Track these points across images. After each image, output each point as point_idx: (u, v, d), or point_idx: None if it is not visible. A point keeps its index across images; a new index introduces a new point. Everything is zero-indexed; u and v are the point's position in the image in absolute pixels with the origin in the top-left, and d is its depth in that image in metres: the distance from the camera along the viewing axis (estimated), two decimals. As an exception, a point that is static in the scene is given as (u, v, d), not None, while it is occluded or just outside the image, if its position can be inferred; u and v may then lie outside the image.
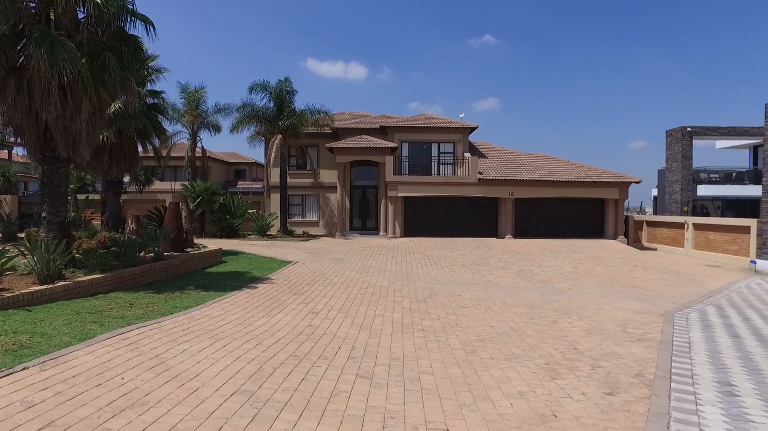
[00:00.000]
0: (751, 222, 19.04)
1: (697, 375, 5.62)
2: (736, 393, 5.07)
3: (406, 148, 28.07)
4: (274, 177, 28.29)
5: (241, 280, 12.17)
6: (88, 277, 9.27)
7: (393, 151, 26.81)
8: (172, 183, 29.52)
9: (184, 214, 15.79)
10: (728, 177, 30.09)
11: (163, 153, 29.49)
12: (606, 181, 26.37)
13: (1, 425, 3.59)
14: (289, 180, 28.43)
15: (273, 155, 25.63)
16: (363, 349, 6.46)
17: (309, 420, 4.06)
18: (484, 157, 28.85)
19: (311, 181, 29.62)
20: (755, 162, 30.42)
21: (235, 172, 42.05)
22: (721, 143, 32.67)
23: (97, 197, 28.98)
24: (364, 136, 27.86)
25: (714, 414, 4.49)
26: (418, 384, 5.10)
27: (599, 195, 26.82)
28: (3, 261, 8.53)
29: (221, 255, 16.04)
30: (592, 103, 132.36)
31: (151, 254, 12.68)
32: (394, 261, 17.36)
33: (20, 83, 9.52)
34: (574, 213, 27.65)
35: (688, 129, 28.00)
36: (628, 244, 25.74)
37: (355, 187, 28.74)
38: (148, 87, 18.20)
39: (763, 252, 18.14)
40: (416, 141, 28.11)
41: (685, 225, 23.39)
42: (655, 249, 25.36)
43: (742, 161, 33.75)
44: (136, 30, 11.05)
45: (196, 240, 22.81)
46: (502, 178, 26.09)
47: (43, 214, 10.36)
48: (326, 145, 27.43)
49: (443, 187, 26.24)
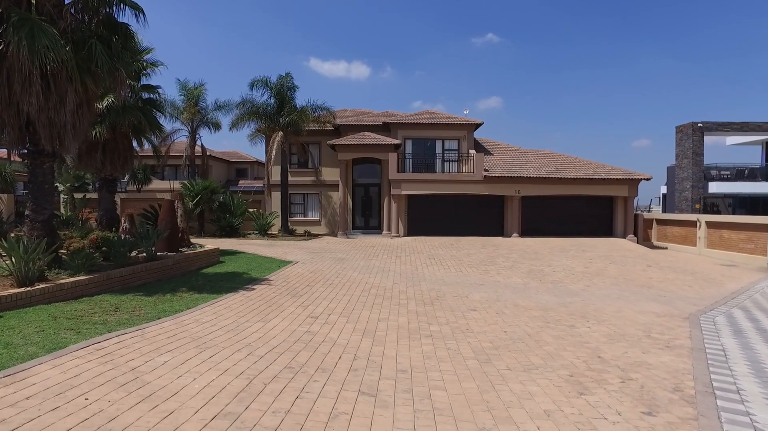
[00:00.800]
0: (769, 220, 18.35)
1: (744, 390, 4.98)
2: (792, 411, 4.44)
3: (409, 145, 27.43)
4: (275, 175, 27.68)
5: (237, 282, 11.57)
6: (72, 279, 8.67)
7: (396, 148, 26.17)
8: (171, 182, 28.95)
9: (179, 212, 15.20)
10: (740, 174, 29.34)
11: (162, 151, 29.05)
12: (615, 178, 25.68)
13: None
14: (290, 178, 27.83)
15: (274, 152, 25.02)
16: (366, 359, 5.84)
17: (302, 449, 3.45)
18: (490, 154, 28.19)
19: (313, 179, 29.01)
20: (768, 158, 29.76)
21: (236, 170, 41.51)
22: (732, 139, 31.90)
23: (95, 196, 28.45)
24: (367, 133, 27.23)
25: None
26: (429, 403, 4.48)
27: (608, 192, 26.12)
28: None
29: (218, 255, 15.44)
30: (596, 102, 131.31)
31: (144, 254, 12.12)
32: (398, 261, 16.74)
33: (-1, 72, 8.93)
34: (582, 211, 26.98)
35: (699, 125, 27.26)
36: (638, 243, 25.04)
37: (358, 185, 28.12)
38: (144, 81, 17.64)
39: (782, 250, 17.42)
40: (420, 138, 27.46)
41: (698, 224, 22.67)
42: (666, 248, 24.66)
43: (754, 157, 33.04)
44: (126, 18, 10.47)
45: (195, 240, 22.23)
46: (509, 175, 25.42)
47: (27, 212, 9.77)
48: (328, 142, 26.81)
49: (448, 184, 25.59)
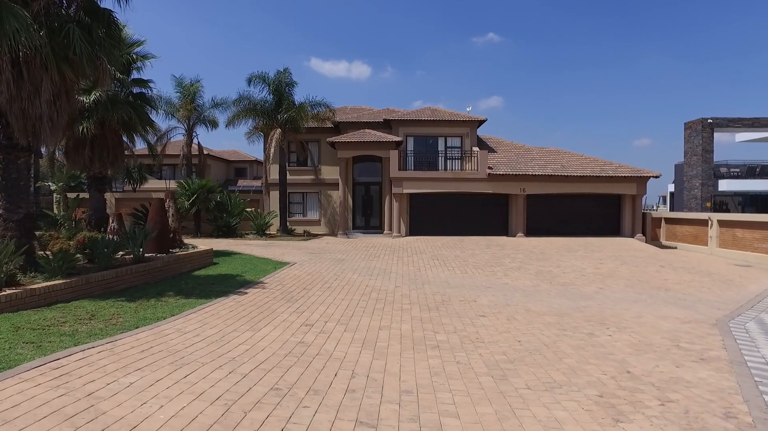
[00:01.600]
0: (786, 218, 17.61)
1: (807, 415, 4.27)
2: None
3: (411, 142, 26.70)
4: (274, 174, 27.00)
5: (229, 285, 10.87)
6: (45, 284, 7.97)
7: (398, 145, 25.45)
8: (167, 181, 28.26)
9: (171, 211, 14.51)
10: (751, 171, 28.56)
11: (158, 150, 28.34)
12: (623, 175, 24.93)
13: None
14: (289, 177, 27.11)
15: (272, 150, 24.30)
16: (365, 377, 5.13)
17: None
18: (494, 151, 27.45)
19: (312, 177, 28.28)
20: (778, 155, 28.94)
21: (235, 170, 40.84)
22: (742, 136, 31.11)
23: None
24: (367, 130, 26.52)
25: None
26: (439, 434, 3.77)
27: (615, 190, 25.37)
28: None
29: (212, 256, 14.74)
30: (597, 101, 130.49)
31: (131, 256, 11.44)
32: (400, 262, 16.02)
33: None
34: (589, 209, 26.23)
35: (709, 120, 26.50)
36: (646, 242, 24.31)
37: (358, 183, 27.39)
38: (136, 76, 16.95)
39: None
40: (422, 135, 26.73)
41: (709, 222, 21.93)
42: (675, 248, 23.92)
43: (764, 154, 32.30)
44: (108, 4, 9.78)
45: (191, 241, 21.53)
46: (513, 173, 24.68)
47: (0, 212, 9.06)
48: (327, 139, 26.10)
49: (451, 182, 24.86)
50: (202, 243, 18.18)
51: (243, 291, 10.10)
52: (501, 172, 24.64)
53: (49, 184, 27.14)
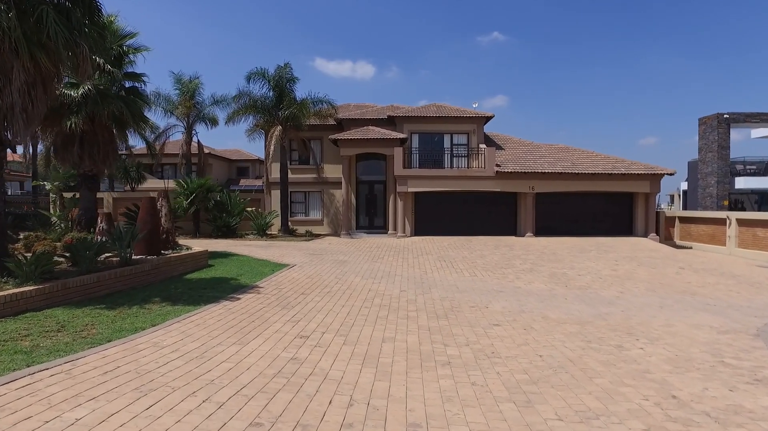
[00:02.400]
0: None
1: None
2: None
3: (416, 139, 25.89)
4: (275, 172, 26.23)
5: (222, 289, 10.11)
6: (12, 291, 7.22)
7: (402, 142, 24.64)
8: (166, 181, 27.57)
9: (164, 211, 13.76)
10: (768, 168, 27.62)
11: (157, 148, 27.66)
12: (636, 173, 24.03)
13: None
14: (290, 175, 26.37)
15: (272, 148, 23.53)
16: (365, 404, 4.35)
17: None
18: (501, 148, 26.58)
19: (314, 176, 27.52)
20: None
21: (237, 169, 40.22)
22: (758, 132, 30.09)
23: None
24: (371, 127, 25.71)
25: None
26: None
27: (628, 188, 24.48)
28: None
29: (207, 257, 13.99)
30: (602, 100, 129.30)
31: (118, 258, 10.71)
32: (405, 263, 15.23)
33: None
34: (600, 208, 25.36)
35: (725, 116, 25.53)
36: (660, 242, 23.41)
37: (362, 182, 26.60)
38: (130, 70, 16.24)
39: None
40: (427, 132, 25.91)
41: (727, 221, 21.02)
42: (690, 248, 23.02)
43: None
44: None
45: (189, 241, 20.79)
46: (522, 170, 23.82)
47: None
48: (330, 136, 25.31)
49: (457, 181, 24.03)
50: (200, 244, 17.45)
51: (235, 297, 9.34)
52: (509, 170, 23.78)
53: (45, 183, 26.49)
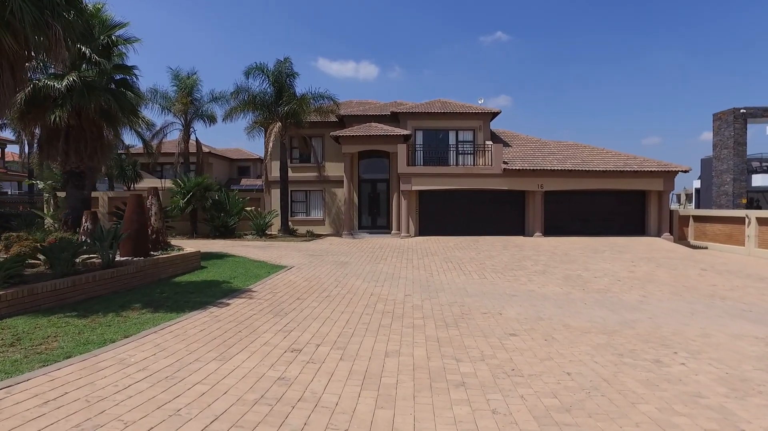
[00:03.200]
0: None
1: None
2: None
3: (420, 136, 25.03)
4: (275, 171, 25.43)
5: (210, 294, 9.30)
6: (-32, 298, 6.43)
7: (406, 139, 23.78)
8: (162, 180, 26.81)
9: (154, 209, 12.96)
10: (786, 165, 26.60)
11: (155, 147, 26.92)
12: (649, 170, 23.10)
13: None
14: (291, 174, 25.57)
15: (271, 144, 22.71)
16: (364, 443, 3.51)
17: None
18: (508, 145, 25.70)
19: (316, 174, 26.69)
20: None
21: (238, 168, 39.54)
22: (773, 128, 29.14)
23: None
24: (374, 124, 24.89)
25: None
26: None
27: (640, 186, 23.56)
28: None
29: (199, 259, 13.19)
30: (605, 101, 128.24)
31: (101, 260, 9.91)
32: (410, 265, 14.39)
33: None
34: (611, 207, 24.47)
35: (742, 110, 24.54)
36: (674, 242, 22.50)
37: (365, 180, 25.76)
38: (125, 63, 15.51)
39: None
40: (432, 128, 25.05)
41: (746, 220, 20.10)
42: (706, 248, 22.11)
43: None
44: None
45: (184, 242, 20.01)
46: (530, 167, 22.93)
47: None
48: (331, 133, 24.47)
49: (463, 178, 23.16)
50: (195, 245, 16.66)
51: (225, 302, 8.53)
52: (517, 167, 22.91)
53: (38, 182, 25.77)
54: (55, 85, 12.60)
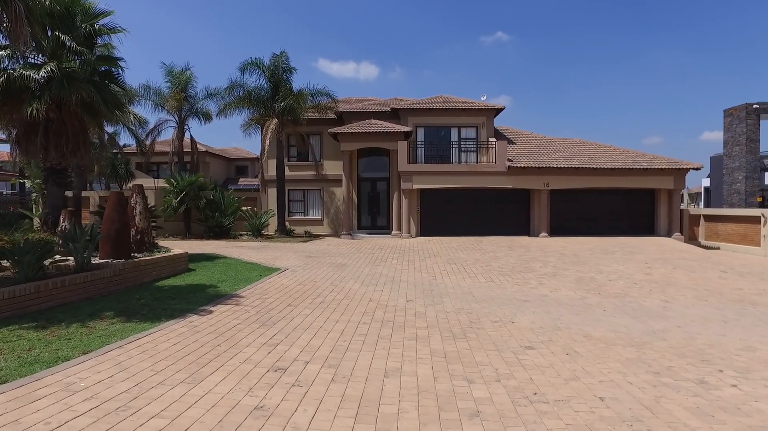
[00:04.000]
0: None
1: None
2: None
3: (421, 133, 24.18)
4: (272, 169, 24.60)
5: (193, 300, 8.46)
6: None
7: (407, 136, 22.94)
8: (156, 180, 25.99)
9: (139, 208, 12.13)
10: (800, 162, 25.73)
11: (148, 145, 26.12)
12: (659, 167, 22.24)
13: None
14: (288, 172, 24.75)
15: (267, 142, 21.86)
16: None
17: None
18: (512, 143, 24.85)
19: (314, 173, 25.84)
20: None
21: (236, 168, 38.77)
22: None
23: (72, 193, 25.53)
24: (373, 121, 24.06)
25: None
26: None
27: (650, 185, 22.70)
28: None
29: (186, 261, 12.35)
30: (606, 100, 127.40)
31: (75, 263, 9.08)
32: (411, 267, 13.55)
33: None
34: (619, 206, 23.62)
35: (755, 106, 23.70)
36: (685, 242, 21.65)
37: (364, 179, 24.91)
38: (106, 53, 14.67)
39: None
40: (433, 125, 24.19)
41: (762, 220, 19.25)
42: (718, 248, 21.25)
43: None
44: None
45: (177, 242, 19.18)
46: (536, 165, 22.07)
47: None
48: (329, 130, 23.63)
49: (466, 177, 22.31)
50: (187, 246, 15.84)
51: (207, 310, 7.69)
52: (522, 165, 22.05)
53: (25, 181, 24.95)
54: (31, 75, 11.78)
